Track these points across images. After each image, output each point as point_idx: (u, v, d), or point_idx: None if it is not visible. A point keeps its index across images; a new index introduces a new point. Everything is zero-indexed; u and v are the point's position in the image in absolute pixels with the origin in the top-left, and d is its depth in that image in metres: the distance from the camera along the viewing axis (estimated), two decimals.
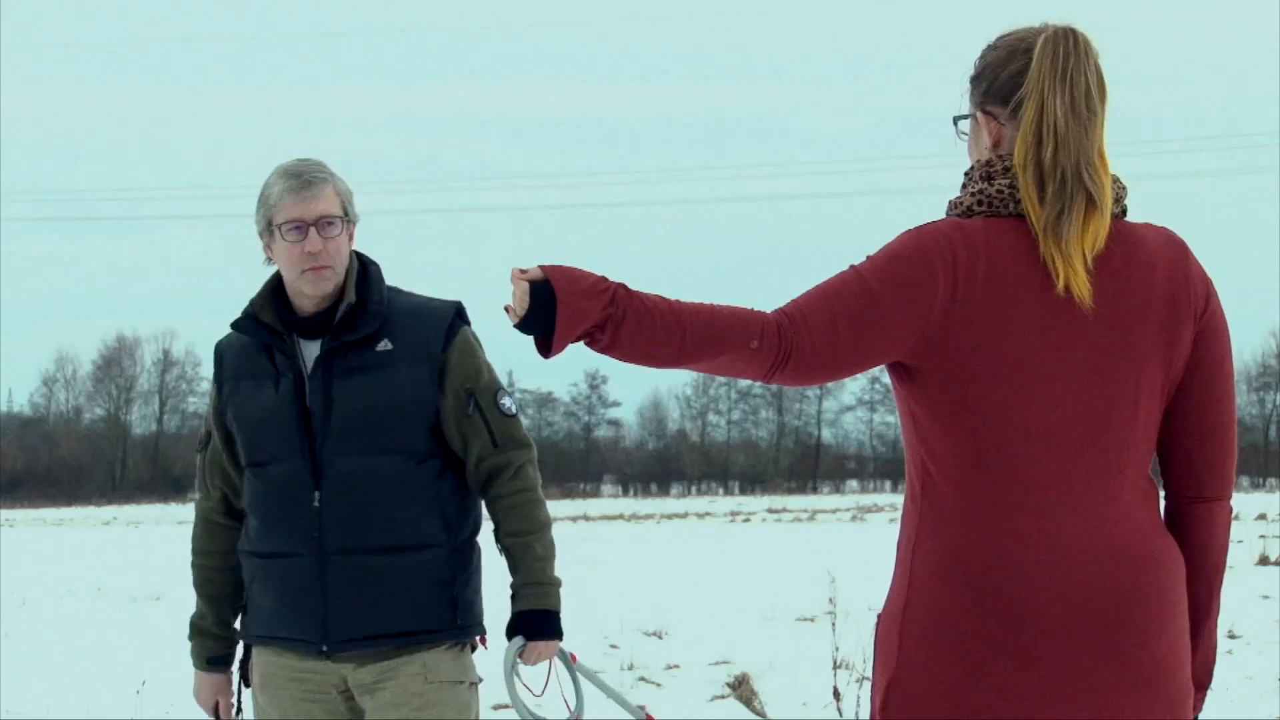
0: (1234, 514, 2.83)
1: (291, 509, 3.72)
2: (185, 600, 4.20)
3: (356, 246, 3.80)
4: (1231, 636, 12.14)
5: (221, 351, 3.91)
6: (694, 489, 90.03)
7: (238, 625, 3.93)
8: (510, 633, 3.78)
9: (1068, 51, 2.62)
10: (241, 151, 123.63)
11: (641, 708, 3.95)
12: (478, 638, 3.82)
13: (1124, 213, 2.69)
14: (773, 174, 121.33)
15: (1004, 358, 2.60)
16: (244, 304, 3.83)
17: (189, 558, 3.97)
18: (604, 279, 2.58)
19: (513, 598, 3.80)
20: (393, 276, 3.84)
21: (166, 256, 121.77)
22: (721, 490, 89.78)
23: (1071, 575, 2.57)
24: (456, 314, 3.81)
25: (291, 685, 3.79)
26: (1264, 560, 19.30)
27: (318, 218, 3.69)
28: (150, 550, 29.09)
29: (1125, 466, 2.63)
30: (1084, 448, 2.61)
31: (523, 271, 2.58)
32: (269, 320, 3.78)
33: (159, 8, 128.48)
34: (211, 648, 3.93)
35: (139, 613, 15.94)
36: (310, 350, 3.77)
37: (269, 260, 3.81)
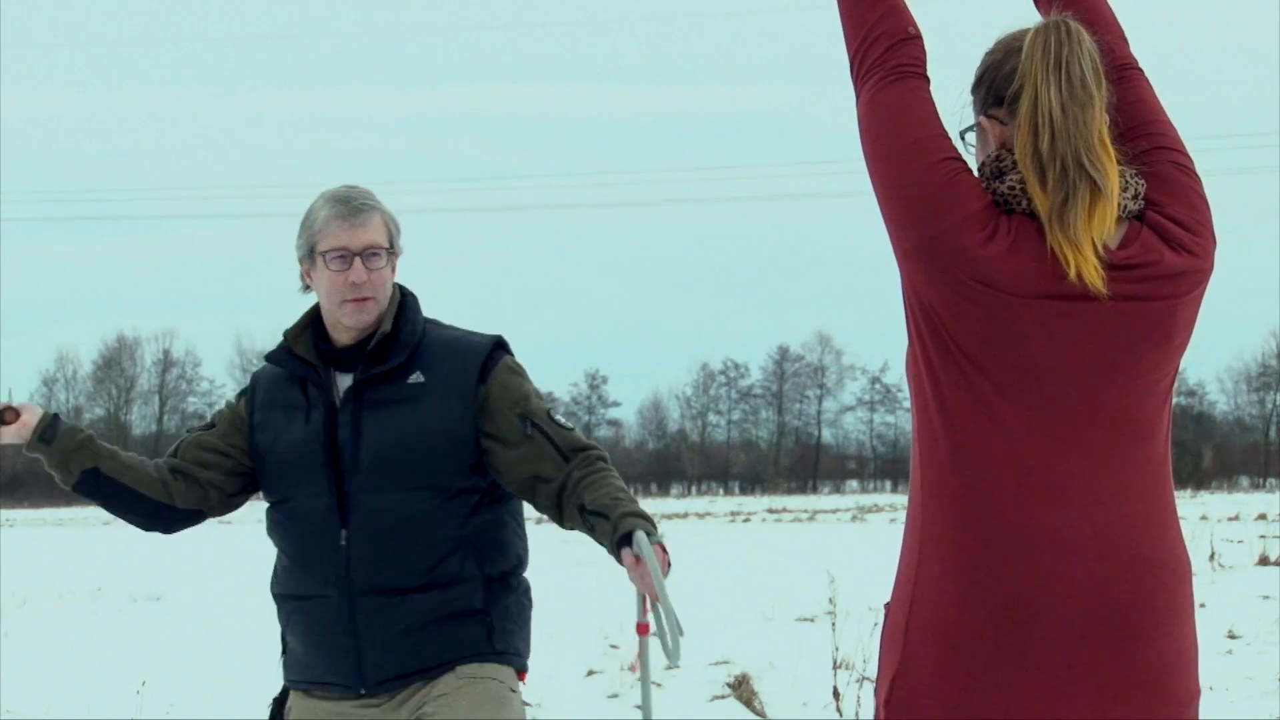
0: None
1: (318, 547, 3.59)
2: (185, 600, 4.20)
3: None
4: (1231, 637, 12.15)
5: (256, 379, 3.78)
6: (694, 489, 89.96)
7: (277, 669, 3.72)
8: (623, 544, 3.44)
9: (1060, 40, 2.60)
10: (242, 152, 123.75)
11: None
12: (517, 671, 3.65)
13: (1141, 210, 2.67)
14: (781, 173, 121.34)
15: (1011, 352, 2.59)
16: (246, 306, 3.84)
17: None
18: None
19: (613, 531, 3.46)
20: (399, 277, 3.73)
21: (166, 256, 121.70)
22: (721, 490, 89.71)
23: (1076, 575, 2.56)
24: (496, 345, 3.67)
25: None
26: (1264, 560, 19.30)
27: (364, 247, 3.57)
28: (150, 550, 29.07)
29: (1137, 462, 2.62)
30: (1093, 443, 2.60)
31: None
32: (304, 352, 3.66)
33: (160, 8, 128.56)
34: (60, 427, 3.62)
35: (139, 613, 15.94)
36: (344, 383, 3.64)
37: (306, 288, 3.69)
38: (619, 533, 3.47)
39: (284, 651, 3.74)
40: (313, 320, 3.70)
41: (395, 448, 3.57)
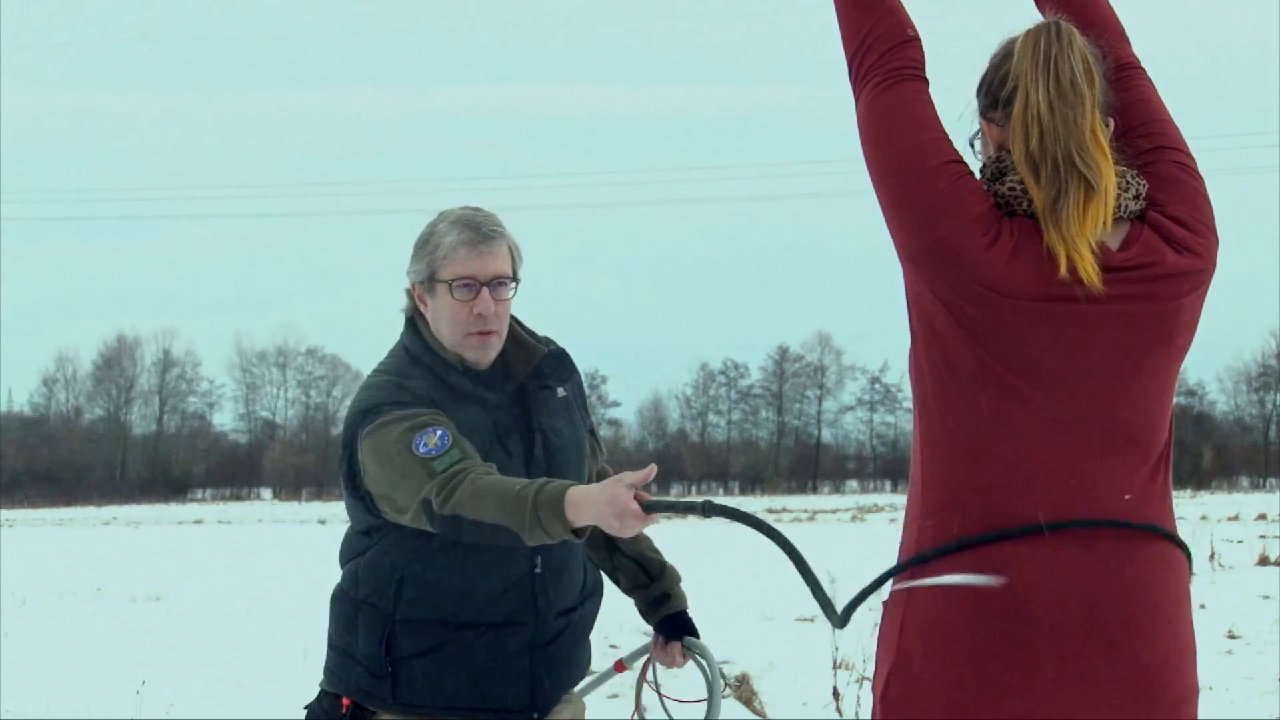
0: None
1: (509, 573, 3.35)
2: (185, 600, 4.17)
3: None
4: (1231, 637, 12.15)
5: (422, 395, 3.31)
6: (694, 489, 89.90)
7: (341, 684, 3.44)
8: (678, 630, 3.83)
9: (1049, 41, 2.63)
10: (242, 152, 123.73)
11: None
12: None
13: (1143, 210, 2.67)
14: (781, 173, 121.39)
15: (1013, 355, 2.59)
16: (246, 306, 3.66)
17: (463, 493, 3.08)
18: None
19: (665, 598, 3.76)
20: (401, 275, 3.65)
21: (166, 256, 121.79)
22: (721, 490, 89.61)
23: (1071, 573, 2.56)
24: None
25: None
26: (1264, 560, 19.32)
27: (492, 277, 3.35)
28: (150, 550, 29.09)
29: (1135, 461, 2.63)
30: (1091, 444, 2.60)
31: None
32: (456, 379, 3.36)
33: (159, 7, 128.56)
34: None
35: (139, 613, 15.93)
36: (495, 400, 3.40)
37: (409, 310, 3.45)
38: (673, 606, 3.77)
39: (394, 678, 3.35)
40: (425, 344, 3.40)
41: (574, 467, 3.44)
